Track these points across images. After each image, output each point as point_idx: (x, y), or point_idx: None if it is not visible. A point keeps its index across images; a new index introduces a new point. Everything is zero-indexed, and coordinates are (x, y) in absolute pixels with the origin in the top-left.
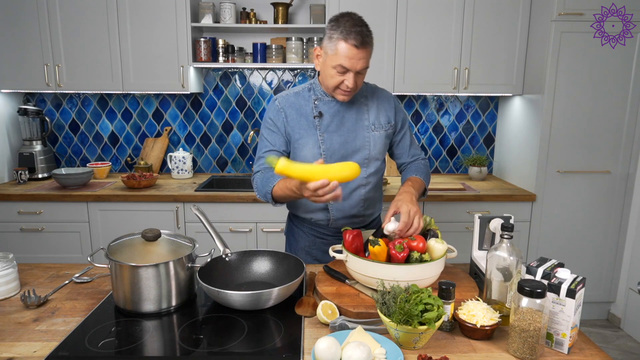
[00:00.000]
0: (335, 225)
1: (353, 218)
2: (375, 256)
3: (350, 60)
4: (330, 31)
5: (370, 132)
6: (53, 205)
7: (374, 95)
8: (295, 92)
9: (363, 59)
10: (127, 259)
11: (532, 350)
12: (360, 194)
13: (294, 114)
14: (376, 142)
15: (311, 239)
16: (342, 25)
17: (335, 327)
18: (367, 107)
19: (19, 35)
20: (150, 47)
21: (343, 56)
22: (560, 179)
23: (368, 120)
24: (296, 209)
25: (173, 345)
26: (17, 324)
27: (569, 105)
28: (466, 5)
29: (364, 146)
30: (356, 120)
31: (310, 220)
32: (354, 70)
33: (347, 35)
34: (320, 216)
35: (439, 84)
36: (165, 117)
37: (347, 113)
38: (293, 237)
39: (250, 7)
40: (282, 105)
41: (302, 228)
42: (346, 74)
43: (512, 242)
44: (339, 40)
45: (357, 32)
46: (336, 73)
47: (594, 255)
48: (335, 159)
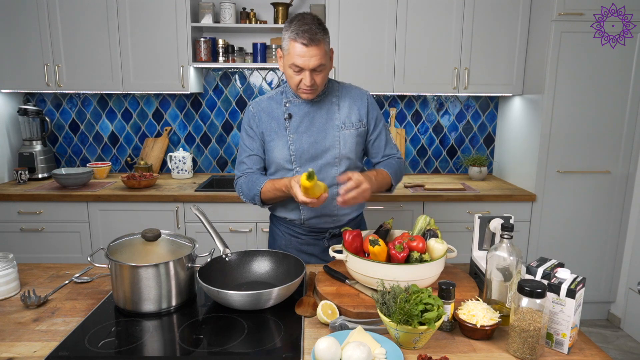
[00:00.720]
0: (307, 224)
1: (324, 217)
2: (375, 256)
3: (302, 59)
4: (285, 32)
5: (340, 131)
6: (53, 205)
7: (347, 94)
8: (269, 97)
9: (315, 57)
10: (127, 259)
11: (532, 350)
12: (332, 193)
13: (265, 118)
14: (346, 141)
15: (287, 238)
16: (293, 26)
17: (335, 327)
18: (338, 107)
19: (19, 35)
20: (150, 47)
21: (295, 55)
22: (560, 179)
23: (338, 120)
24: (274, 208)
25: (173, 345)
26: (17, 324)
27: (569, 105)
28: (466, 5)
29: (334, 145)
30: (326, 120)
31: (286, 220)
32: (308, 68)
33: (296, 35)
34: (293, 215)
35: (439, 84)
36: (165, 117)
37: (317, 113)
38: (272, 237)
39: (250, 7)
40: (255, 110)
41: (279, 227)
42: (302, 73)
43: (512, 242)
44: (290, 40)
45: (304, 31)
46: (293, 73)
47: (594, 255)
48: (305, 159)
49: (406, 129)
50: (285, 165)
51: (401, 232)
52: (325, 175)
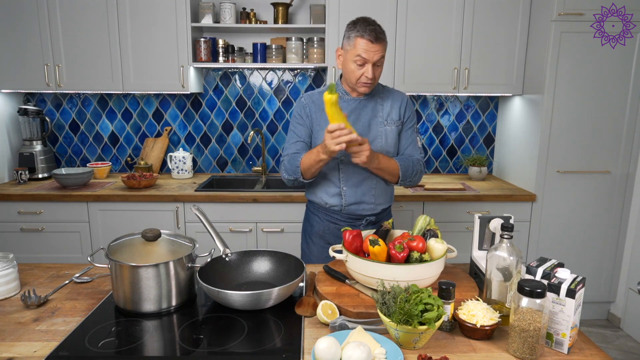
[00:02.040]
0: (347, 210)
1: (363, 204)
2: (375, 256)
3: (367, 52)
4: (349, 32)
5: (384, 126)
6: (53, 205)
7: (389, 95)
8: (319, 91)
9: (379, 52)
10: (127, 259)
11: (532, 350)
12: (372, 182)
13: (316, 109)
14: (388, 136)
15: (325, 224)
16: (359, 25)
17: (335, 327)
18: (381, 105)
19: (19, 35)
20: (150, 47)
21: (361, 49)
22: (560, 179)
23: (382, 117)
24: (313, 195)
25: (173, 345)
26: (17, 324)
27: (569, 105)
28: (466, 5)
29: (377, 139)
30: (371, 116)
31: (325, 206)
32: (372, 61)
33: (363, 32)
34: (334, 201)
35: (439, 84)
36: (165, 117)
37: (364, 110)
38: (309, 223)
39: (250, 7)
40: (306, 102)
41: (317, 214)
42: (365, 66)
43: (512, 242)
44: (356, 38)
45: (371, 30)
46: (356, 66)
47: (594, 255)
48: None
49: None
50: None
51: (401, 232)
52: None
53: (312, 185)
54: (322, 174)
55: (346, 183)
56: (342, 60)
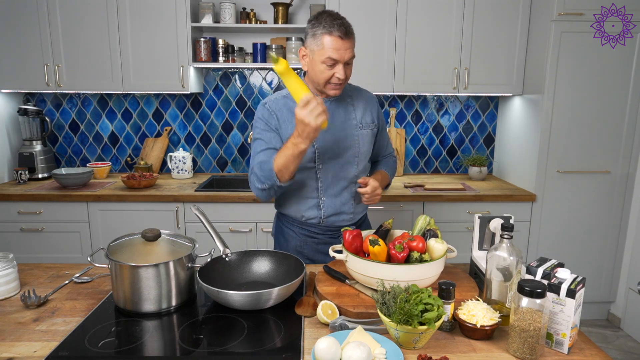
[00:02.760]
0: (326, 223)
1: (342, 215)
2: (375, 256)
3: (338, 52)
4: (313, 29)
5: (359, 130)
6: (53, 205)
7: (359, 95)
8: (283, 95)
9: (349, 49)
10: (127, 259)
11: (532, 350)
12: (351, 191)
13: (285, 115)
14: (364, 140)
15: (302, 238)
16: (324, 21)
17: (335, 327)
18: (353, 107)
19: (19, 35)
20: (150, 47)
21: (330, 49)
22: (560, 179)
23: (356, 119)
24: (287, 207)
25: (173, 345)
26: (17, 324)
27: (569, 105)
28: (466, 5)
29: (354, 144)
30: (345, 119)
31: (301, 220)
32: (343, 60)
33: (331, 29)
34: (311, 213)
35: (439, 84)
36: (165, 117)
37: (336, 112)
38: (283, 237)
39: (250, 7)
40: (272, 108)
41: (292, 228)
42: (336, 66)
43: (512, 242)
44: (323, 35)
45: (339, 25)
46: (326, 67)
47: (594, 255)
48: (328, 157)
49: (406, 129)
50: (307, 164)
51: (401, 232)
52: (345, 174)
53: (284, 197)
54: (296, 184)
55: (325, 193)
56: (307, 61)
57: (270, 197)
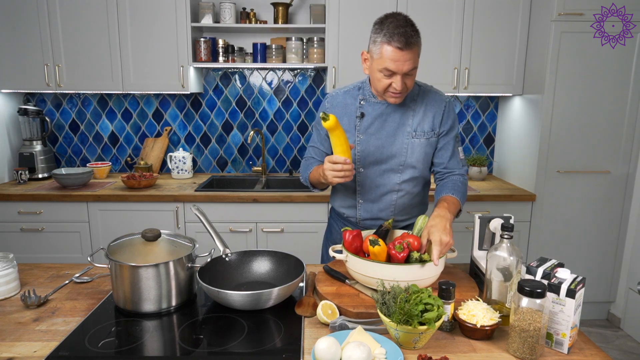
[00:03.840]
0: (363, 224)
1: (380, 221)
2: (375, 256)
3: (395, 63)
4: (375, 34)
5: (410, 138)
6: (53, 205)
7: (425, 99)
8: (345, 91)
9: (409, 61)
10: (127, 259)
11: (532, 350)
12: (392, 199)
13: (338, 113)
14: (414, 150)
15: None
16: (386, 28)
17: (335, 327)
18: (413, 112)
19: (19, 35)
20: (150, 47)
21: (388, 59)
22: (560, 179)
23: (410, 127)
24: (333, 201)
25: (173, 345)
26: (17, 324)
27: (569, 105)
28: (466, 5)
29: (401, 153)
30: (398, 125)
31: (343, 215)
32: (400, 72)
33: (390, 38)
34: (350, 212)
35: (439, 84)
36: (165, 117)
37: (391, 117)
38: (329, 230)
39: (250, 7)
40: (329, 105)
41: (337, 221)
42: (393, 77)
43: (512, 242)
44: (382, 44)
45: (400, 34)
46: (383, 76)
47: (594, 255)
48: (369, 162)
49: None
50: None
51: (401, 232)
52: (386, 181)
53: (333, 191)
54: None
55: (362, 197)
56: (368, 65)
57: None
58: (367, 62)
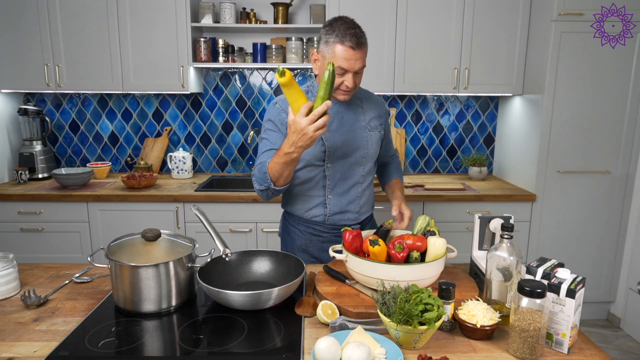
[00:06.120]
0: (331, 221)
1: (347, 214)
2: (375, 256)
3: (348, 62)
4: (326, 35)
5: (367, 131)
6: (53, 205)
7: (368, 99)
8: None
9: (360, 59)
10: (127, 259)
11: (532, 350)
12: (358, 191)
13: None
14: (372, 142)
15: (307, 237)
16: (337, 29)
17: (335, 327)
18: (362, 109)
19: (19, 35)
20: (150, 47)
21: (341, 58)
22: (560, 179)
23: (364, 121)
24: (292, 206)
25: (173, 345)
26: (17, 324)
27: (569, 105)
28: (466, 5)
29: (362, 145)
30: (354, 120)
31: (306, 218)
32: (352, 70)
33: (343, 38)
34: (316, 212)
35: (439, 84)
36: (165, 117)
37: (346, 114)
38: (289, 236)
39: (250, 7)
40: (282, 107)
41: (297, 227)
42: (345, 75)
43: (512, 242)
44: (335, 44)
45: (352, 34)
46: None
47: (594, 255)
48: (337, 157)
49: (406, 129)
50: (315, 162)
51: (401, 232)
52: (352, 174)
53: (290, 195)
54: (303, 182)
55: (332, 191)
56: (319, 65)
57: (269, 198)
58: (317, 62)
